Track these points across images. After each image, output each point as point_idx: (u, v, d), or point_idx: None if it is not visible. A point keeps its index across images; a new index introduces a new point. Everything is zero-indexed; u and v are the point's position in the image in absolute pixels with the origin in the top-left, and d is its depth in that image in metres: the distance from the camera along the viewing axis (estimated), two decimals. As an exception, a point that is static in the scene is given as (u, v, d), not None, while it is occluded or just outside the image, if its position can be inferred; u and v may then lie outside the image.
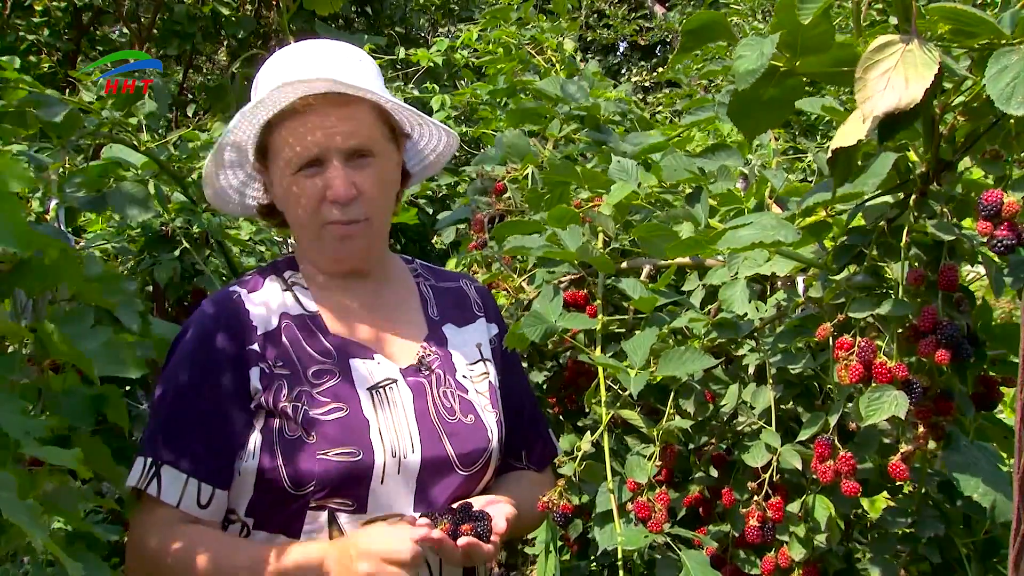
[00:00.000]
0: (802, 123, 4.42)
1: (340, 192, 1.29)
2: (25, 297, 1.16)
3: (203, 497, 1.27)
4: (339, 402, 1.30)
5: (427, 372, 1.39)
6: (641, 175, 1.75)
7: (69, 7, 5.48)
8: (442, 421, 1.35)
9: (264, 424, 1.29)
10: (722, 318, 1.47)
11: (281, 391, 1.29)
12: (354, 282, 1.41)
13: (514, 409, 1.49)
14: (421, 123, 1.42)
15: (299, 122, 1.29)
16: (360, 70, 1.34)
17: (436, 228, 2.56)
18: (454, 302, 1.50)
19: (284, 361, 1.31)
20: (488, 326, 1.51)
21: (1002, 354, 1.28)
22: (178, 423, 1.29)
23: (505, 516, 1.30)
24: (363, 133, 1.31)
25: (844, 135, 1.07)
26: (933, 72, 1.00)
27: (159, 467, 1.27)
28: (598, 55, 9.97)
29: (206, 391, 1.29)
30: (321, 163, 1.30)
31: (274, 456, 1.27)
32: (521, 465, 1.52)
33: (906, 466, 1.17)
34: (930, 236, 1.16)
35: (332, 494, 1.27)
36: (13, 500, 0.82)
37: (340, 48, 1.36)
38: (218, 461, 1.28)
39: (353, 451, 1.27)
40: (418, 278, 1.51)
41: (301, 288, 1.40)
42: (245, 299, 1.36)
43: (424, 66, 4.67)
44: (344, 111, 1.29)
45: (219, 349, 1.31)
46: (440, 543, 1.23)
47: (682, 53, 1.29)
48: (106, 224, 2.54)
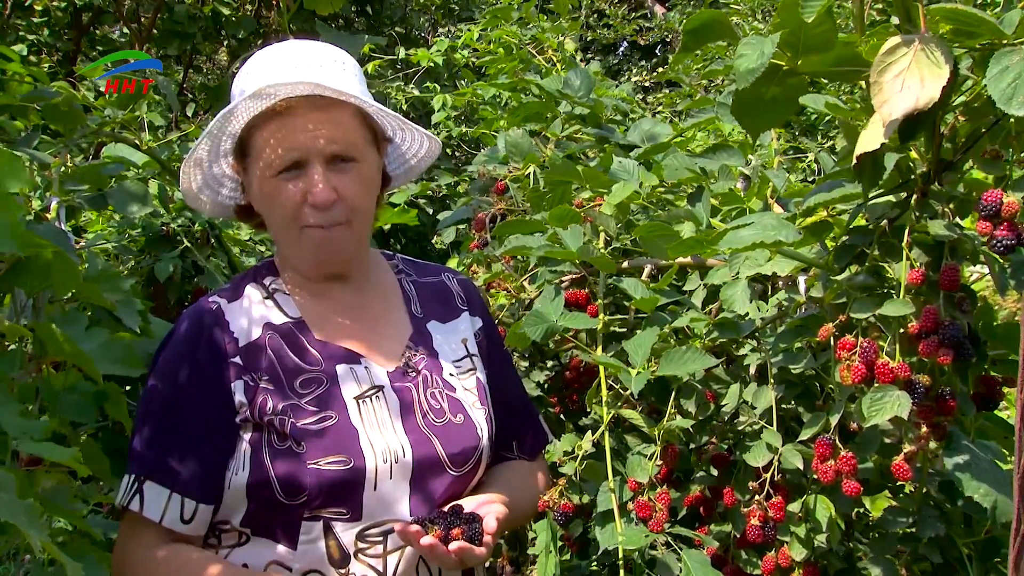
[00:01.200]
0: (803, 123, 4.43)
1: (320, 196, 1.28)
2: (25, 296, 1.16)
3: (186, 512, 1.27)
4: (327, 411, 1.29)
5: (414, 374, 1.38)
6: (642, 175, 1.75)
7: (69, 7, 5.49)
8: (431, 423, 1.35)
9: (252, 436, 1.28)
10: (723, 318, 1.47)
11: (267, 404, 1.28)
12: (336, 285, 1.40)
13: (504, 401, 1.48)
14: (403, 128, 1.41)
15: (280, 124, 1.27)
16: (343, 73, 1.32)
17: (437, 228, 2.56)
18: (437, 298, 1.50)
19: (269, 374, 1.30)
20: (472, 320, 1.50)
21: (1003, 354, 1.28)
22: (159, 439, 1.29)
23: (496, 516, 1.29)
24: (345, 137, 1.29)
25: (866, 140, 1.07)
26: (947, 70, 1.00)
27: (141, 483, 1.27)
28: (598, 55, 9.97)
29: (186, 407, 1.29)
30: (302, 166, 1.28)
31: (264, 468, 1.26)
32: (512, 455, 1.51)
33: (909, 466, 1.17)
34: (932, 236, 1.16)
35: (326, 503, 1.26)
36: (12, 500, 0.82)
37: (323, 50, 1.34)
38: (201, 476, 1.27)
39: (344, 459, 1.26)
40: (400, 275, 1.50)
41: (283, 294, 1.39)
42: (225, 310, 1.34)
43: (424, 66, 4.68)
44: (327, 114, 1.28)
45: (199, 364, 1.30)
46: (432, 549, 1.22)
47: (683, 53, 1.29)
48: (106, 224, 2.55)
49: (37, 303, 1.18)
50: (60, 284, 1.11)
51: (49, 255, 1.06)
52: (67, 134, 1.80)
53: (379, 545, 1.28)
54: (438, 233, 2.68)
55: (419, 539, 1.22)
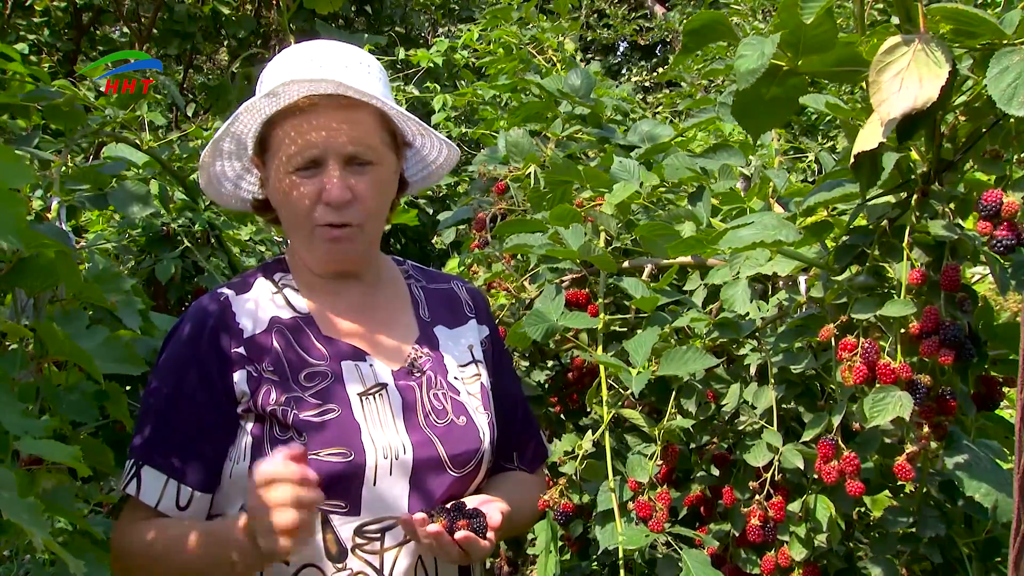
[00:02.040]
0: (803, 123, 4.43)
1: (335, 195, 1.28)
2: (25, 296, 1.16)
3: (182, 499, 1.28)
4: (330, 404, 1.30)
5: (418, 374, 1.39)
6: (643, 174, 1.75)
7: (69, 7, 5.49)
8: (433, 423, 1.35)
9: (254, 427, 1.29)
10: (724, 318, 1.47)
11: (270, 395, 1.28)
12: (345, 284, 1.41)
13: (507, 412, 1.48)
14: (424, 134, 1.42)
15: (302, 120, 1.28)
16: (367, 76, 1.33)
17: (438, 228, 2.56)
18: (445, 304, 1.50)
19: (273, 366, 1.31)
20: (480, 328, 1.51)
21: (1004, 354, 1.28)
22: (159, 426, 1.30)
23: (500, 511, 1.29)
24: (364, 138, 1.30)
25: (864, 139, 1.07)
26: (946, 70, 1.00)
27: (140, 468, 1.28)
28: (598, 55, 9.97)
29: (187, 395, 1.30)
30: (319, 164, 1.29)
31: (266, 458, 1.26)
32: (512, 466, 1.52)
33: (911, 466, 1.17)
34: (932, 236, 1.16)
35: (325, 495, 1.26)
36: (13, 499, 0.82)
37: (350, 52, 1.36)
38: (199, 466, 1.29)
39: (345, 451, 1.27)
40: (409, 280, 1.51)
41: (292, 290, 1.39)
42: (233, 301, 1.35)
43: (424, 67, 4.68)
44: (348, 114, 1.29)
45: (203, 353, 1.30)
46: (437, 537, 1.22)
47: (684, 53, 1.29)
48: (107, 224, 2.55)
49: (38, 303, 1.18)
50: (66, 283, 1.12)
51: (51, 254, 1.06)
52: (68, 134, 1.80)
53: (377, 542, 1.29)
54: (438, 233, 2.68)
55: (423, 527, 1.22)
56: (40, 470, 1.10)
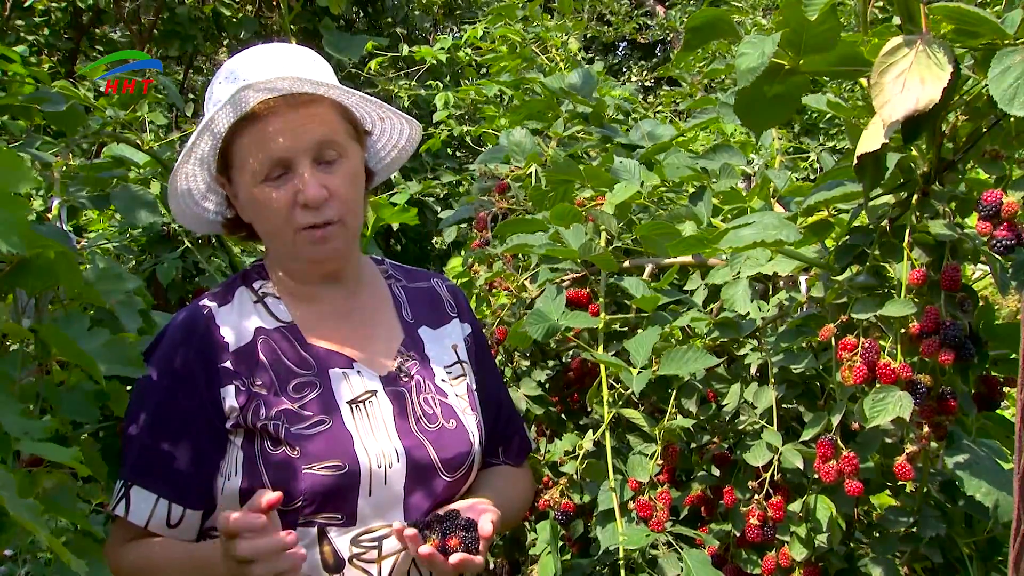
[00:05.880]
0: (804, 122, 4.43)
1: (312, 194, 1.26)
2: (26, 297, 1.16)
3: (173, 517, 1.27)
4: (321, 415, 1.29)
5: (406, 379, 1.38)
6: (644, 174, 1.75)
7: (69, 7, 5.49)
8: (424, 428, 1.35)
9: (244, 442, 1.28)
10: (724, 317, 1.47)
11: (260, 410, 1.27)
12: (327, 289, 1.39)
13: (491, 407, 1.48)
14: (382, 116, 1.40)
15: (261, 127, 1.26)
16: (315, 67, 1.32)
17: (439, 227, 2.56)
18: (427, 303, 1.49)
19: (261, 379, 1.29)
20: (462, 326, 1.50)
21: (1004, 353, 1.28)
22: (146, 445, 1.28)
23: (491, 521, 1.28)
24: (329, 133, 1.28)
25: (867, 141, 1.07)
26: (948, 71, 1.00)
27: (128, 488, 1.27)
28: (598, 54, 9.97)
29: (173, 412, 1.28)
30: (289, 169, 1.27)
31: (258, 474, 1.26)
32: (498, 460, 1.51)
33: (911, 466, 1.17)
34: (933, 236, 1.16)
35: (320, 509, 1.26)
36: (15, 498, 0.82)
37: (292, 49, 1.34)
38: (188, 482, 1.27)
39: (339, 464, 1.26)
40: (389, 280, 1.49)
41: (273, 298, 1.37)
42: (216, 314, 1.33)
43: (427, 64, 4.67)
44: (307, 111, 1.27)
45: (187, 369, 1.29)
46: (430, 559, 1.22)
47: (686, 50, 1.29)
48: (108, 224, 2.55)
49: (39, 303, 1.18)
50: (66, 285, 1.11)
51: (52, 255, 1.06)
52: (69, 134, 1.80)
53: (373, 550, 1.28)
54: (439, 232, 2.68)
55: (417, 547, 1.22)
56: (40, 470, 1.10)
